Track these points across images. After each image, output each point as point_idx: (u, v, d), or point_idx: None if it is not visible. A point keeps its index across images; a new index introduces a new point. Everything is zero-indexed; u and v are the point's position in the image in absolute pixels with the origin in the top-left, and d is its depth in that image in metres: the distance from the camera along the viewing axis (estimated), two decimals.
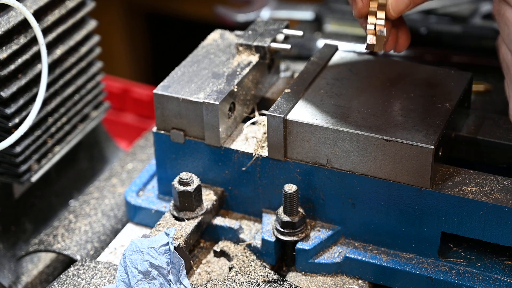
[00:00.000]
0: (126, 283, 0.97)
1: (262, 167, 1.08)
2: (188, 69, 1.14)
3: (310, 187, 1.07)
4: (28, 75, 1.15)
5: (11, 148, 1.14)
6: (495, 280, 1.02)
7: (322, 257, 1.07)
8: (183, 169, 1.12)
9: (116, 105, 1.72)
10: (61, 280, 1.05)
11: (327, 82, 1.11)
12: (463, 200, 1.00)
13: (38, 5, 1.15)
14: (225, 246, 1.10)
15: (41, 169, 1.21)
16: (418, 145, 0.98)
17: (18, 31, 1.13)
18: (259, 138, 1.10)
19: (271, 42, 1.14)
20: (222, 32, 1.22)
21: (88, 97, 1.29)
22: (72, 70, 1.24)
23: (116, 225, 1.22)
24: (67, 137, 1.26)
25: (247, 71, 1.12)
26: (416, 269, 1.04)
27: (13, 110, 1.13)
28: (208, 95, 1.07)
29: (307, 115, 1.04)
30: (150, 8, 2.88)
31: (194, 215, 1.08)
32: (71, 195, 1.33)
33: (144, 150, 1.35)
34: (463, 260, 1.05)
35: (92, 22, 1.28)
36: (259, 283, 1.03)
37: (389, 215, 1.04)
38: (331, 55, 1.16)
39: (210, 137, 1.09)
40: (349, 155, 1.03)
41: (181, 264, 0.99)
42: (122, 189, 1.27)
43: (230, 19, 1.61)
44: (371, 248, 1.07)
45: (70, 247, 1.17)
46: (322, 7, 1.58)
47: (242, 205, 1.13)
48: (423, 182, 1.00)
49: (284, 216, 1.06)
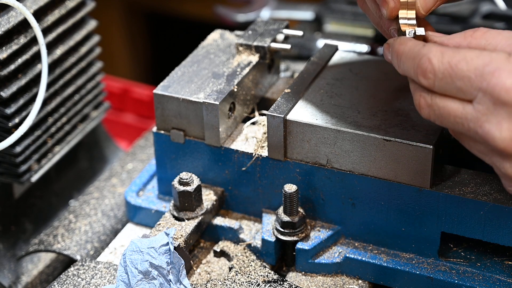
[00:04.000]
0: (126, 283, 0.97)
1: (262, 167, 1.08)
2: (188, 69, 1.14)
3: (310, 187, 1.07)
4: (28, 75, 1.15)
5: (11, 148, 1.14)
6: (495, 280, 1.02)
7: (322, 257, 1.07)
8: (183, 169, 1.12)
9: (116, 105, 1.72)
10: (61, 280, 1.05)
11: (327, 82, 1.11)
12: (463, 200, 1.00)
13: (38, 5, 1.15)
14: (225, 246, 1.10)
15: (41, 169, 1.21)
16: (418, 145, 0.98)
17: (18, 31, 1.13)
18: (259, 138, 1.10)
19: (271, 42, 1.14)
20: (222, 32, 1.22)
21: (88, 97, 1.29)
22: (72, 70, 1.24)
23: (116, 225, 1.22)
24: (67, 137, 1.26)
25: (247, 71, 1.12)
26: (416, 269, 1.04)
27: (13, 110, 1.13)
28: (208, 95, 1.07)
29: (307, 115, 1.04)
30: (150, 8, 2.88)
31: (194, 215, 1.08)
32: (71, 195, 1.33)
33: (144, 150, 1.35)
34: (463, 260, 1.05)
35: (92, 22, 1.28)
36: (259, 283, 1.03)
37: (389, 215, 1.04)
38: (331, 55, 1.16)
39: (210, 137, 1.09)
40: (349, 155, 1.03)
41: (181, 264, 0.99)
42: (122, 189, 1.27)
43: (230, 19, 1.61)
44: (371, 248, 1.07)
45: (70, 247, 1.17)
46: (322, 7, 1.57)
47: (242, 205, 1.13)
48: (423, 182, 1.00)
49: (284, 216, 1.06)
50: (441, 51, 0.87)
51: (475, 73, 0.85)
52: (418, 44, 0.90)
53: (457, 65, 0.86)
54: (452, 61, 0.86)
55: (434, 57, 0.87)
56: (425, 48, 0.89)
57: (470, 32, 0.91)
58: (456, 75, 0.86)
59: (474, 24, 1.42)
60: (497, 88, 0.83)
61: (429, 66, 0.87)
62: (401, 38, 0.93)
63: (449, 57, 0.87)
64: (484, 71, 0.84)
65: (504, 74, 0.83)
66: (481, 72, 0.85)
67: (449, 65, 0.86)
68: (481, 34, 0.90)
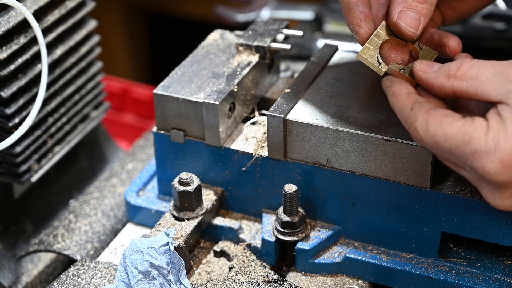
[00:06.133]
0: (126, 283, 0.97)
1: (262, 167, 1.08)
2: (188, 69, 1.14)
3: (310, 187, 1.07)
4: (28, 75, 1.15)
5: (11, 148, 1.14)
6: (495, 280, 1.02)
7: (322, 257, 1.07)
8: (183, 169, 1.12)
9: (116, 105, 1.72)
10: (61, 280, 1.05)
11: (327, 82, 1.11)
12: (463, 200, 1.00)
13: (38, 5, 1.15)
14: (225, 246, 1.10)
15: (41, 169, 1.21)
16: (418, 145, 0.98)
17: (18, 31, 1.13)
18: (259, 138, 1.10)
19: (271, 42, 1.14)
20: (222, 32, 1.22)
21: (88, 97, 1.29)
22: (72, 70, 1.24)
23: (116, 225, 1.22)
24: (67, 137, 1.26)
25: (247, 71, 1.12)
26: (416, 269, 1.04)
27: (13, 110, 1.13)
28: (208, 95, 1.07)
29: (307, 115, 1.04)
30: (150, 8, 2.88)
31: (194, 215, 1.08)
32: (71, 195, 1.33)
33: (144, 150, 1.35)
34: (463, 260, 1.05)
35: (92, 22, 1.28)
36: (259, 283, 1.03)
37: (389, 215, 1.04)
38: (331, 55, 1.16)
39: (210, 137, 1.09)
40: (349, 155, 1.03)
41: (181, 264, 0.99)
42: (122, 189, 1.27)
43: (230, 19, 1.61)
44: (371, 248, 1.07)
45: (70, 247, 1.17)
46: (322, 7, 1.57)
47: (242, 205, 1.13)
48: (423, 182, 1.00)
49: (284, 216, 1.06)
50: (427, 121, 0.90)
51: (457, 152, 0.88)
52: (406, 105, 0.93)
53: (440, 143, 0.89)
54: (435, 137, 0.90)
55: (420, 128, 0.91)
56: (412, 115, 0.92)
57: (454, 70, 0.92)
58: (440, 150, 0.90)
59: (474, 24, 1.42)
60: (479, 171, 0.87)
61: (417, 136, 0.92)
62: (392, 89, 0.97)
63: (433, 133, 0.90)
64: (465, 151, 0.88)
65: (483, 157, 0.86)
66: (462, 152, 0.88)
67: (433, 141, 0.90)
68: (463, 73, 0.91)
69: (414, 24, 0.99)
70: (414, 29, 0.99)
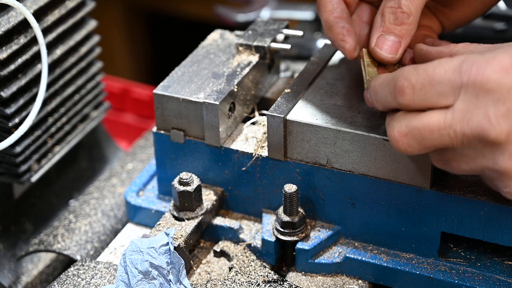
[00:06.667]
0: (126, 283, 0.97)
1: (262, 167, 1.08)
2: (188, 69, 1.14)
3: (310, 187, 1.07)
4: (28, 75, 1.15)
5: (11, 148, 1.14)
6: (495, 280, 1.02)
7: (322, 257, 1.07)
8: (183, 169, 1.12)
9: (116, 105, 1.72)
10: (61, 280, 1.05)
11: (327, 82, 1.11)
12: (463, 200, 1.00)
13: (38, 5, 1.15)
14: (225, 246, 1.10)
15: (41, 169, 1.21)
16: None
17: (18, 31, 1.13)
18: (259, 138, 1.10)
19: (271, 42, 1.14)
20: (222, 32, 1.22)
21: (88, 97, 1.29)
22: (72, 70, 1.24)
23: (116, 225, 1.22)
24: (67, 137, 1.26)
25: (247, 71, 1.12)
26: (416, 269, 1.04)
27: (13, 110, 1.13)
28: (208, 95, 1.07)
29: (307, 115, 1.04)
30: (150, 8, 2.88)
31: (194, 215, 1.08)
32: (71, 195, 1.33)
33: (144, 150, 1.35)
34: (463, 260, 1.05)
35: (92, 22, 1.28)
36: (259, 283, 1.03)
37: (389, 215, 1.04)
38: (331, 55, 1.16)
39: (210, 137, 1.09)
40: (349, 155, 1.03)
41: (181, 264, 0.99)
42: (122, 189, 1.27)
43: (230, 19, 1.61)
44: (371, 248, 1.07)
45: (70, 247, 1.17)
46: None
47: (242, 205, 1.13)
48: (423, 182, 1.00)
49: (284, 216, 1.06)
50: (414, 67, 0.89)
51: (454, 73, 0.86)
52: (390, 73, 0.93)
53: (434, 71, 0.87)
54: (427, 69, 0.88)
55: (408, 73, 0.89)
56: (398, 71, 0.91)
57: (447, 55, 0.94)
58: (434, 81, 0.87)
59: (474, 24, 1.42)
60: (478, 78, 0.85)
61: (405, 82, 0.89)
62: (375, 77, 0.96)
63: (423, 68, 0.88)
64: (462, 68, 0.86)
65: (482, 65, 0.85)
66: (459, 70, 0.86)
67: (425, 74, 0.88)
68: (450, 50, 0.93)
69: (392, 49, 1.00)
70: (393, 54, 1.00)
